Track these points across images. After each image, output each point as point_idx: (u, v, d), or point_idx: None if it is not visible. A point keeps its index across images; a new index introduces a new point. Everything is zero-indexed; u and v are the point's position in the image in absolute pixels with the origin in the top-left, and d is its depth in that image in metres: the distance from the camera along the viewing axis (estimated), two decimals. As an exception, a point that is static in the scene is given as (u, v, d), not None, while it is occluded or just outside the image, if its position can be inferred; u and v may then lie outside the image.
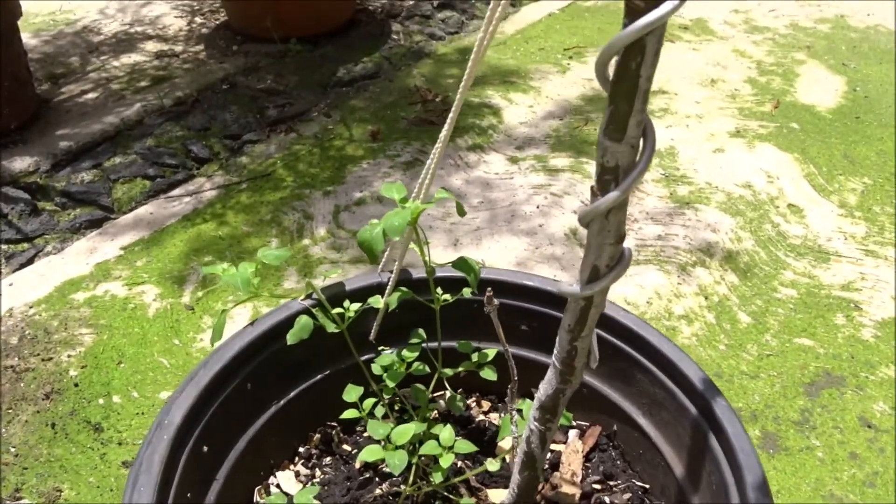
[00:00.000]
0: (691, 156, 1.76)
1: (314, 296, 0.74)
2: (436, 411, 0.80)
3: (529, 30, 2.43)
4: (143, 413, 1.12)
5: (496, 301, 0.55)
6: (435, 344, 0.77)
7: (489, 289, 0.56)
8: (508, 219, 1.56)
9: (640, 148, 0.36)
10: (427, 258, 0.70)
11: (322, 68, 2.18)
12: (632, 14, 0.33)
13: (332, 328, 0.72)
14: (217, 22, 2.48)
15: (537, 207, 1.59)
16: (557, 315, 0.78)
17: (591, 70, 2.17)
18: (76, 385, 1.17)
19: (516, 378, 0.63)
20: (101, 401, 1.15)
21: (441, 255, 1.45)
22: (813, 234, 1.51)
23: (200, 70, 2.16)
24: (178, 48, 2.31)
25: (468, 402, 0.83)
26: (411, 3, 2.60)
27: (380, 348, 0.80)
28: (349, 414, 0.71)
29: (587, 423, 0.79)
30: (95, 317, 1.31)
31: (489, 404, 0.83)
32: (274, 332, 0.71)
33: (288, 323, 0.71)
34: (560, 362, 0.44)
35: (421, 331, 0.77)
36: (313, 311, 0.72)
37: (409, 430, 0.64)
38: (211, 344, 0.90)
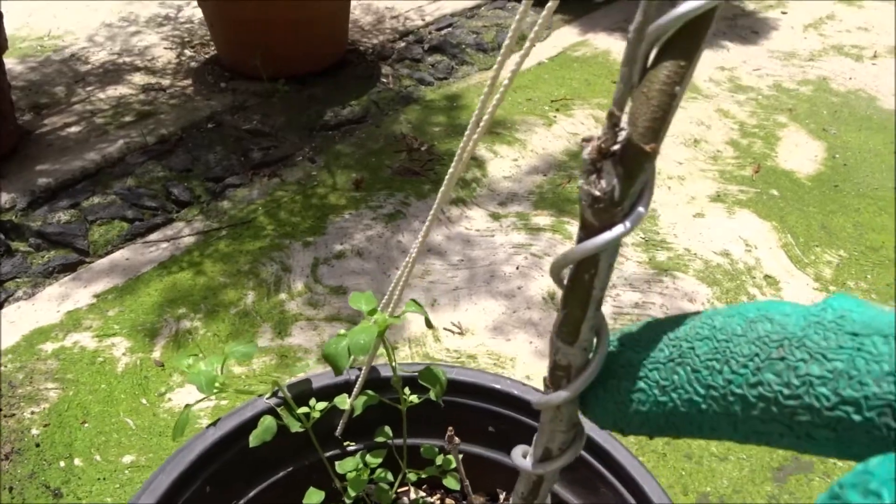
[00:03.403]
0: (672, 220, 1.78)
1: (280, 394, 0.73)
2: (399, 510, 0.79)
3: (518, 79, 2.45)
4: (104, 479, 1.10)
5: (457, 440, 0.55)
6: (401, 440, 0.76)
7: (451, 428, 0.55)
8: (487, 279, 1.56)
9: (594, 348, 0.36)
10: (395, 364, 0.69)
11: (309, 110, 2.18)
12: (586, 229, 0.33)
13: (296, 427, 0.71)
14: (207, 55, 2.48)
15: (517, 268, 1.59)
16: (523, 419, 0.77)
17: (576, 124, 2.19)
18: (37, 445, 1.15)
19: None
20: (62, 463, 1.12)
21: (417, 315, 1.44)
22: (788, 308, 1.52)
23: (187, 106, 2.16)
24: (166, 82, 2.30)
25: (433, 499, 0.82)
26: (402, 45, 2.61)
27: (345, 444, 0.79)
28: (308, 521, 0.70)
29: (550, 529, 0.79)
30: (62, 370, 1.29)
31: (453, 502, 0.82)
32: (237, 433, 0.70)
33: (252, 423, 0.70)
34: (515, 525, 0.44)
35: (387, 429, 0.76)
36: (278, 410, 0.71)
37: (368, 545, 0.63)
38: (172, 439, 0.89)
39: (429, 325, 0.65)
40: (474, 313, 1.46)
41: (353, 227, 1.69)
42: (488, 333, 1.42)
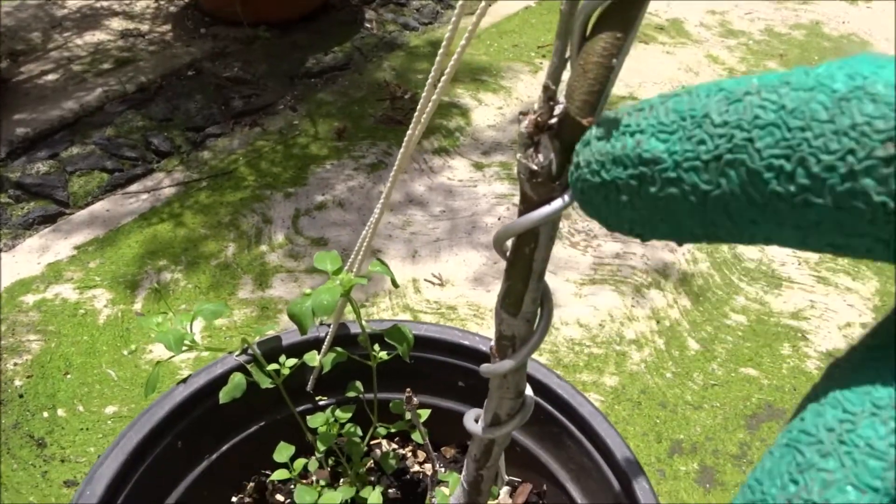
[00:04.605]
0: (656, 169, 1.77)
1: (250, 351, 0.73)
2: (372, 461, 0.81)
3: (504, 24, 2.40)
4: (87, 428, 1.12)
5: (415, 401, 0.55)
6: (372, 395, 0.77)
7: (408, 389, 0.56)
8: (469, 230, 1.56)
9: (538, 318, 0.36)
10: (363, 322, 0.70)
11: (291, 57, 2.14)
12: (526, 202, 0.33)
13: (266, 384, 0.72)
14: (186, -1, 2.42)
15: (499, 219, 1.59)
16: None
17: (563, 71, 2.16)
18: (21, 396, 1.16)
19: (435, 469, 0.63)
20: (45, 414, 1.14)
21: (399, 267, 1.44)
22: (768, 258, 1.53)
23: (166, 53, 2.11)
24: (145, 27, 2.25)
25: (405, 451, 0.84)
26: (387, -12, 2.54)
27: (317, 398, 0.80)
28: (279, 475, 0.72)
29: (519, 480, 0.80)
30: (44, 322, 1.29)
31: (424, 454, 0.84)
32: (207, 390, 0.71)
33: (222, 380, 0.71)
34: (468, 484, 0.45)
35: (358, 384, 0.77)
36: (248, 367, 0.72)
37: (336, 497, 0.65)
38: (144, 397, 0.89)
39: (395, 284, 0.65)
40: (455, 264, 1.47)
41: (334, 178, 1.68)
42: (468, 284, 1.42)
